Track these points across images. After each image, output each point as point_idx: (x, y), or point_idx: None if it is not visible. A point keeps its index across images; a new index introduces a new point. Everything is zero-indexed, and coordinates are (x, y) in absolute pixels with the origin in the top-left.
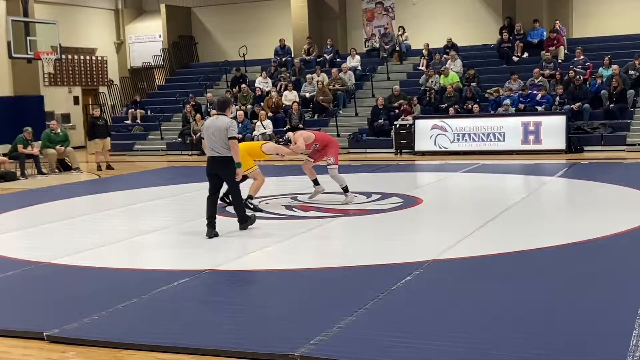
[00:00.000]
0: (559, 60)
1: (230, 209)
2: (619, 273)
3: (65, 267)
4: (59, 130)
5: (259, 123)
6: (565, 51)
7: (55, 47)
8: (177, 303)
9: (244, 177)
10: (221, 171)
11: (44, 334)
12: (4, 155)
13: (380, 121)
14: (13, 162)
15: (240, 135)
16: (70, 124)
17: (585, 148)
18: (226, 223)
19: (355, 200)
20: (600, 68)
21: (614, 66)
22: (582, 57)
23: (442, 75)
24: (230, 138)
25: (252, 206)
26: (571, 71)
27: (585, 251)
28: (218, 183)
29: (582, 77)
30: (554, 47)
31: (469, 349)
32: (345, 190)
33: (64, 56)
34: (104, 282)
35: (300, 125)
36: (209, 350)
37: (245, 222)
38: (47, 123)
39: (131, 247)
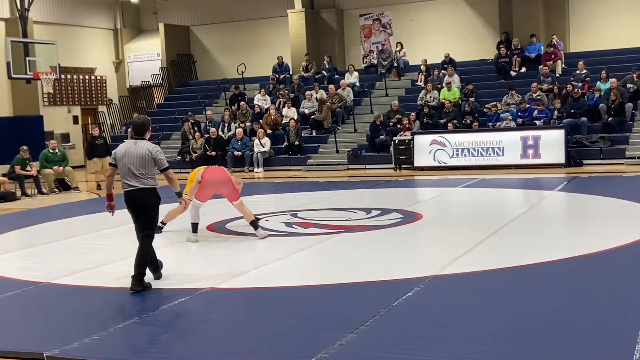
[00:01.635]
0: (557, 75)
1: (231, 226)
2: (621, 287)
3: (65, 287)
4: (57, 150)
5: (257, 141)
6: (563, 65)
7: (55, 67)
8: (178, 322)
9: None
10: (141, 207)
11: (44, 354)
12: (4, 175)
13: (382, 137)
14: (13, 183)
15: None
16: (70, 144)
17: (585, 162)
18: (227, 240)
19: (355, 217)
20: (598, 82)
21: (612, 79)
22: (584, 70)
23: (443, 90)
24: (163, 170)
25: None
26: (569, 85)
27: (586, 265)
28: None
29: (580, 91)
30: (551, 62)
31: None
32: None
33: (63, 76)
34: (104, 302)
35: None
36: None
37: (139, 283)
38: (46, 143)
39: (131, 266)
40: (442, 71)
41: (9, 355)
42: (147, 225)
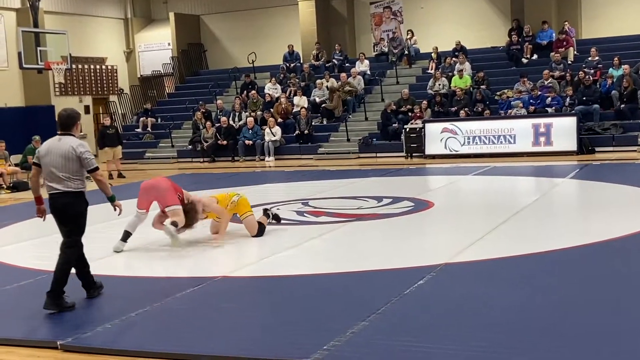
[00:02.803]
0: (569, 62)
1: None
2: (633, 274)
3: None
4: None
5: (268, 130)
6: (575, 52)
7: (66, 57)
8: (190, 310)
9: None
10: (63, 214)
11: (58, 343)
12: (16, 165)
13: (394, 125)
14: (25, 172)
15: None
16: (82, 133)
17: (597, 149)
18: (239, 229)
19: (366, 205)
20: (611, 68)
21: (625, 66)
22: (596, 57)
23: (454, 78)
24: (91, 171)
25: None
26: (581, 72)
27: (599, 253)
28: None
29: (592, 78)
30: (563, 49)
31: (483, 352)
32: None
33: (74, 66)
34: (117, 291)
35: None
36: (222, 357)
37: (53, 303)
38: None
39: (143, 255)
40: (453, 59)
41: (24, 343)
42: (72, 233)
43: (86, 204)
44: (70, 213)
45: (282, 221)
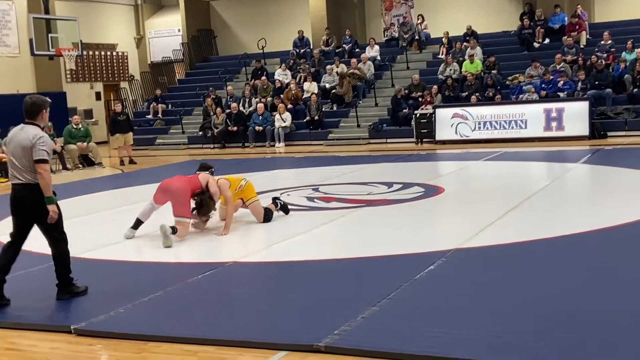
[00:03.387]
0: (581, 46)
1: None
2: None
3: (91, 262)
4: (80, 126)
5: (278, 116)
6: (587, 36)
7: (76, 44)
8: (202, 295)
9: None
10: (25, 208)
11: (71, 327)
12: None
13: (405, 111)
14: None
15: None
16: (93, 120)
17: (609, 134)
18: (250, 216)
19: (376, 191)
20: (624, 52)
21: (638, 50)
22: (609, 41)
23: (465, 63)
24: (37, 161)
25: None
26: (593, 56)
27: (610, 238)
28: (25, 224)
29: (604, 62)
30: (575, 33)
31: (492, 338)
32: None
33: (85, 52)
34: (129, 276)
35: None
36: (234, 341)
37: (67, 289)
38: (69, 119)
39: (155, 240)
40: (464, 44)
41: (37, 328)
42: (51, 230)
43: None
44: (25, 205)
45: (293, 207)
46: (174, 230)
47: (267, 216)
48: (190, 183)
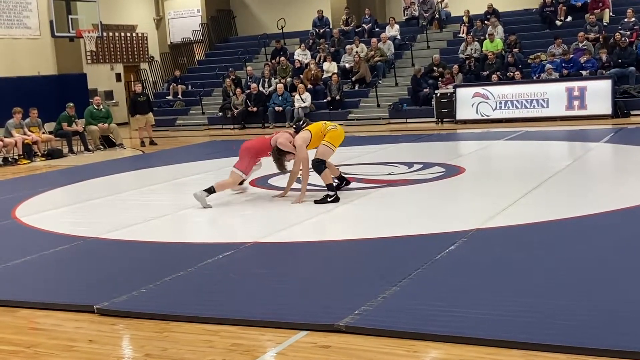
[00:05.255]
0: (604, 23)
1: (274, 180)
2: None
3: (113, 242)
4: (101, 107)
5: (297, 96)
6: (611, 13)
7: (96, 25)
8: (223, 275)
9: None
10: None
11: (95, 307)
12: (50, 132)
13: (425, 90)
14: (59, 140)
15: None
16: (113, 101)
17: (632, 112)
18: (270, 195)
19: (396, 171)
20: None
21: None
22: (633, 18)
23: (486, 42)
24: None
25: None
26: (617, 34)
27: (632, 218)
28: None
29: (628, 40)
30: (598, 10)
31: (513, 317)
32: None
33: (105, 34)
34: (151, 256)
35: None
36: (255, 321)
37: None
38: (90, 100)
39: (176, 221)
40: (485, 22)
41: (61, 307)
42: None
43: None
44: None
45: (313, 187)
46: (209, 190)
47: (319, 167)
48: (259, 142)
